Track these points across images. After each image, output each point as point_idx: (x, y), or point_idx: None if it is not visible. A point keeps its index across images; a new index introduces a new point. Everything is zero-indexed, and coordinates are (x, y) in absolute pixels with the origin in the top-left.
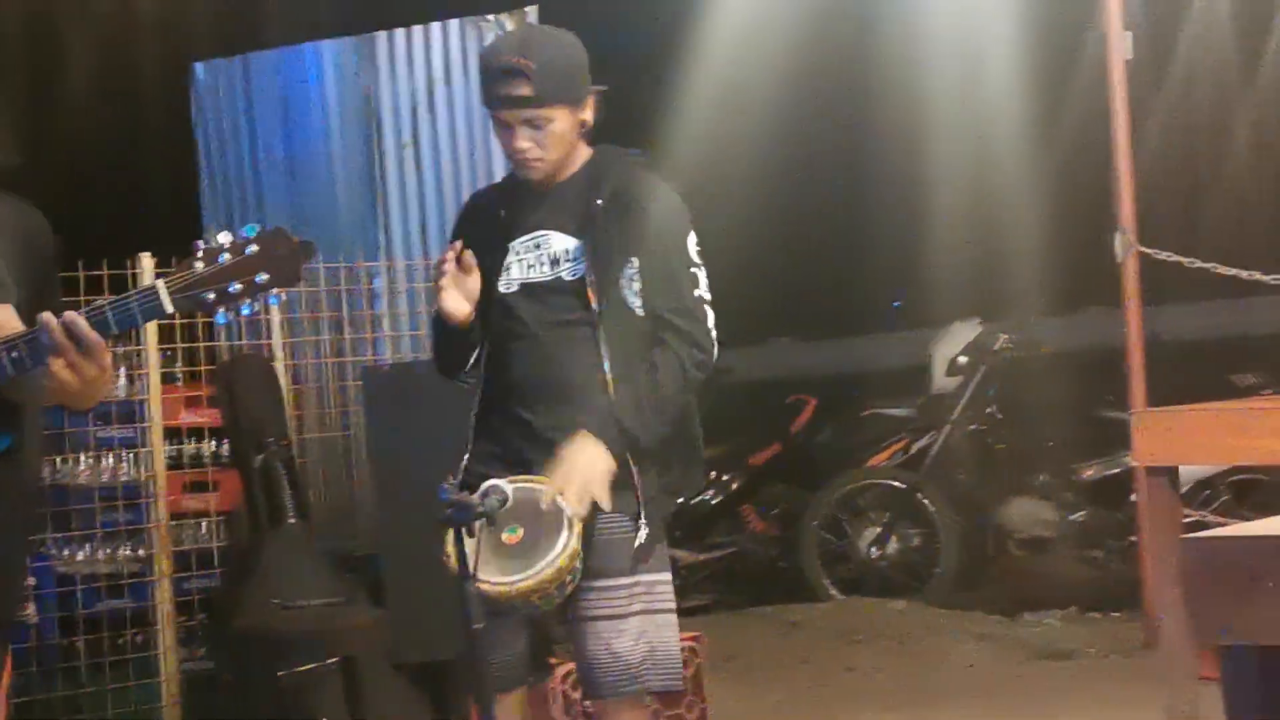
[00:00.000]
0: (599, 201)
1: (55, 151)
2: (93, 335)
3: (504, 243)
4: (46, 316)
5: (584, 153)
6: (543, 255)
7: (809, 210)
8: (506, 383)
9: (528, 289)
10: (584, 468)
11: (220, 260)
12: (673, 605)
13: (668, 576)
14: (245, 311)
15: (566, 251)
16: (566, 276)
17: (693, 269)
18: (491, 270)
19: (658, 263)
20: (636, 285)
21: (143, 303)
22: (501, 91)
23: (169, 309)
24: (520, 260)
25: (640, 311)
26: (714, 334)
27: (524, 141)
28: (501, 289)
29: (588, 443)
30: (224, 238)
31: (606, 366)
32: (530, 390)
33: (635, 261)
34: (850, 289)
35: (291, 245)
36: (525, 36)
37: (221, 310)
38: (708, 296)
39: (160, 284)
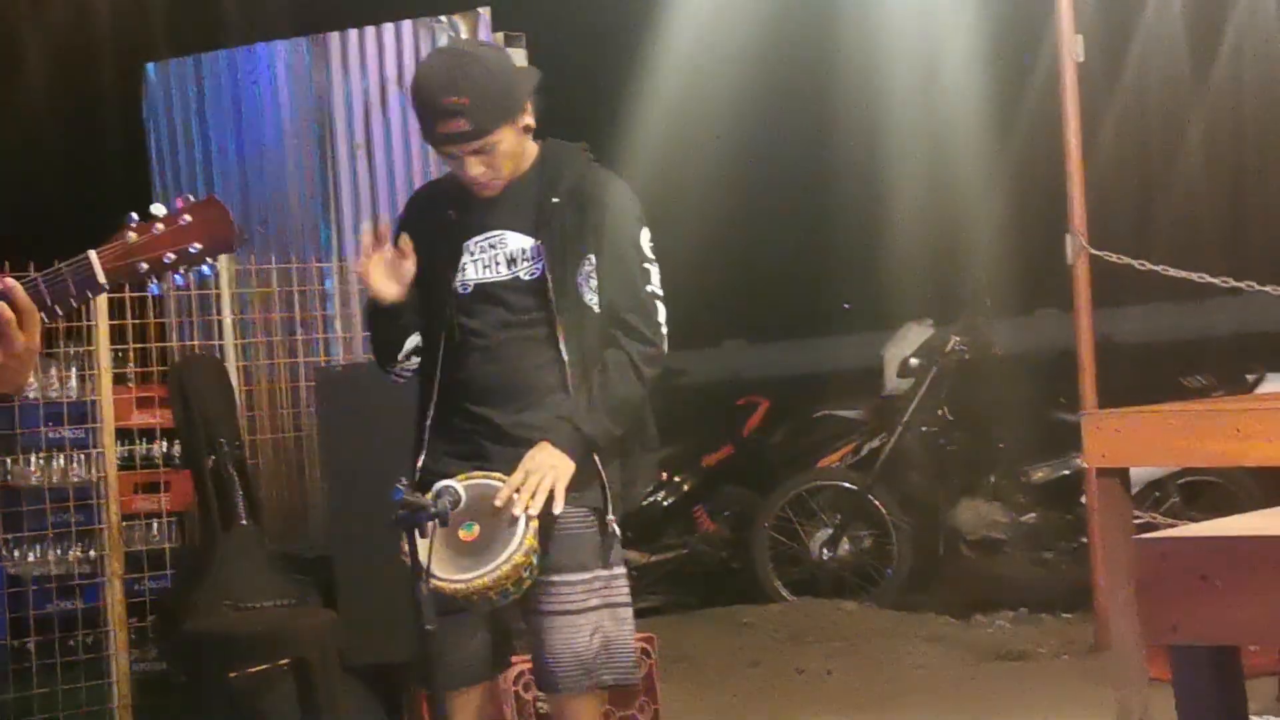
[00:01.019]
0: (555, 200)
1: (6, 152)
2: (27, 301)
3: (457, 243)
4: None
5: (532, 150)
6: (498, 255)
7: (763, 213)
8: (465, 382)
9: (484, 290)
10: (542, 468)
11: (154, 231)
12: (629, 599)
13: (624, 571)
14: (179, 281)
15: (523, 251)
16: (524, 276)
17: (646, 264)
18: (445, 271)
19: (614, 259)
20: (594, 282)
21: (75, 274)
22: (442, 130)
23: (102, 280)
24: (475, 261)
25: (596, 308)
26: (664, 329)
27: (476, 169)
28: (458, 290)
29: (547, 448)
30: (157, 209)
31: (567, 364)
32: (491, 389)
33: (592, 259)
34: (803, 291)
35: (225, 214)
36: (451, 70)
37: (155, 280)
38: (660, 292)
39: (93, 256)
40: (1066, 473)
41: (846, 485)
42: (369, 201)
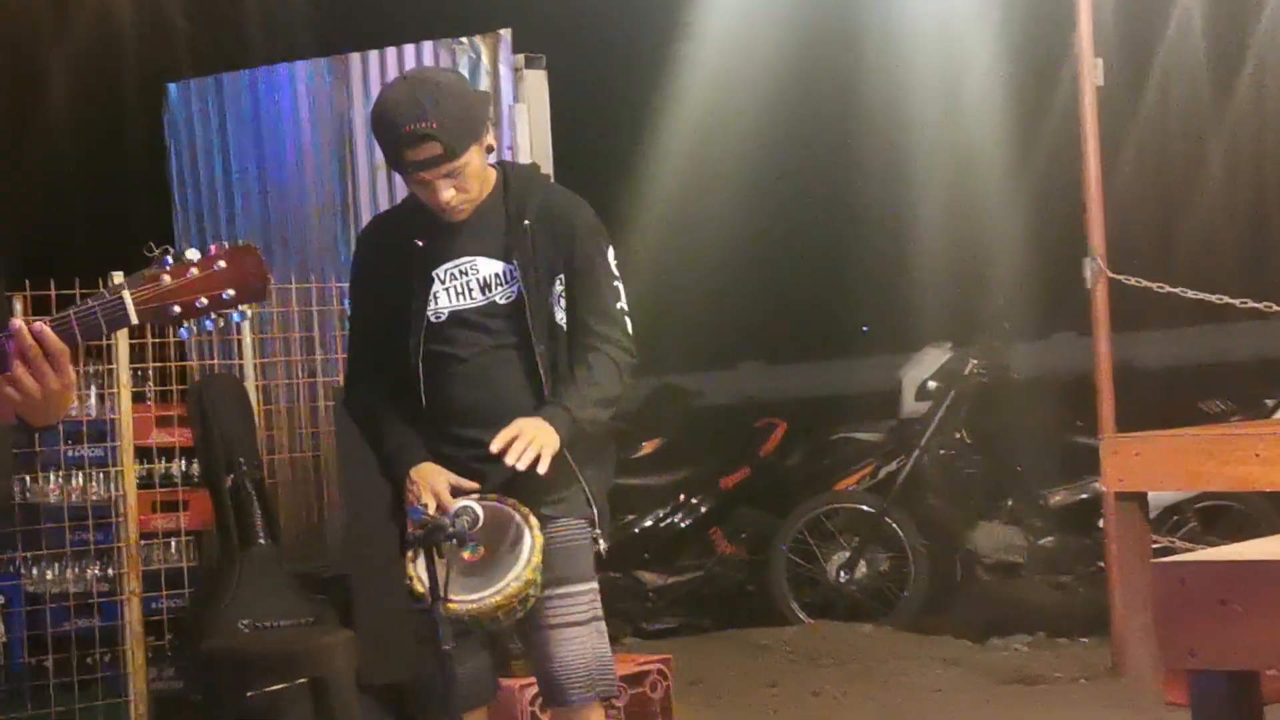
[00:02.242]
0: (526, 222)
1: (29, 170)
2: (58, 343)
3: (426, 271)
4: (17, 323)
5: (491, 173)
6: (471, 281)
7: (781, 235)
8: (448, 408)
9: (459, 316)
10: (532, 430)
11: (188, 275)
12: (601, 612)
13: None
14: (209, 326)
15: (496, 275)
16: (500, 300)
17: (615, 282)
18: (416, 301)
19: (585, 278)
20: (564, 302)
21: (107, 312)
22: (413, 157)
23: (134, 319)
24: (447, 288)
25: (565, 327)
26: (633, 345)
27: (447, 193)
28: (431, 319)
29: (538, 419)
30: (192, 254)
31: (544, 383)
32: (476, 412)
33: (562, 278)
34: (821, 313)
35: (259, 262)
36: (415, 96)
37: (186, 324)
38: (627, 308)
39: (126, 294)
40: (1084, 496)
41: (864, 508)
42: None
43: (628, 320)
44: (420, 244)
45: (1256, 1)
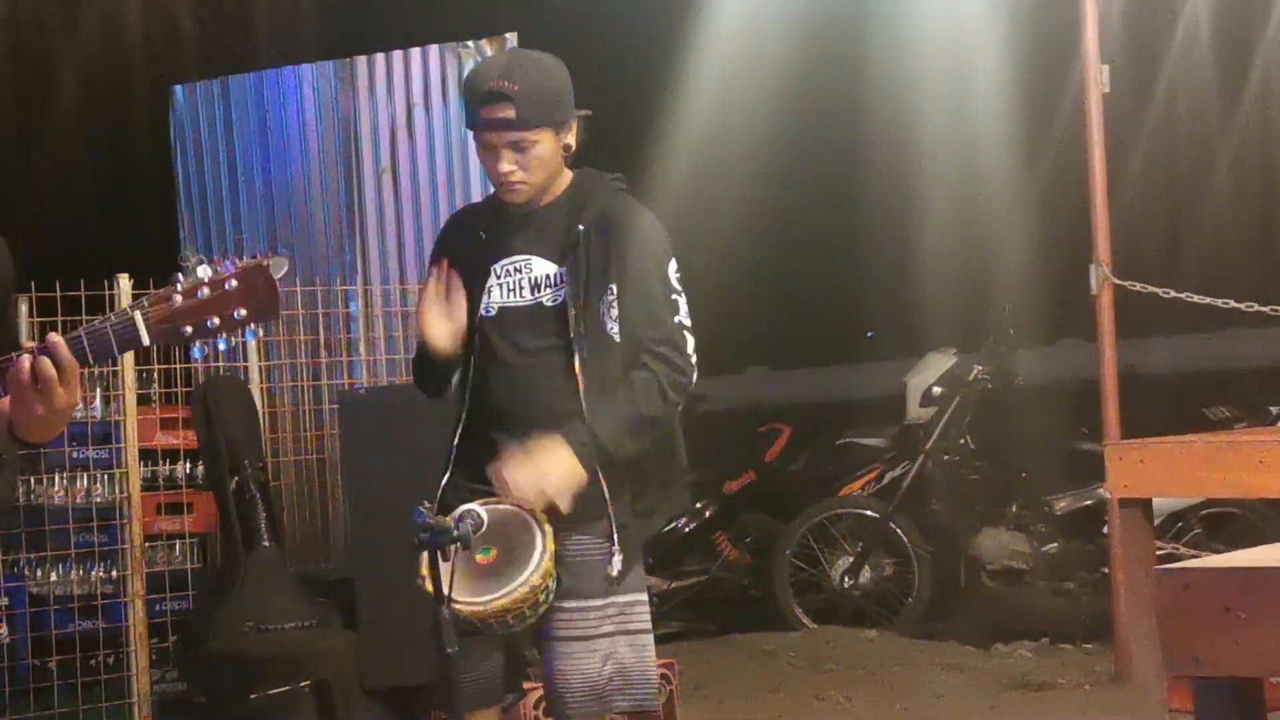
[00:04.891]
0: (581, 227)
1: (36, 172)
2: (72, 361)
3: (486, 265)
4: (54, 337)
5: (566, 177)
6: (523, 280)
7: (787, 240)
8: (485, 407)
9: (506, 313)
10: (548, 467)
11: (200, 294)
12: (649, 625)
13: (644, 597)
14: (221, 346)
15: (547, 277)
16: (547, 303)
17: (674, 296)
18: (474, 293)
19: (638, 290)
20: (615, 312)
21: (119, 333)
22: (485, 114)
23: (145, 340)
24: (500, 284)
25: (617, 338)
26: (694, 359)
27: (508, 164)
28: (483, 312)
29: (560, 447)
30: (203, 271)
31: (583, 391)
32: (507, 415)
33: (614, 288)
34: (826, 319)
35: (271, 281)
36: (510, 60)
37: (198, 344)
38: (688, 323)
39: (138, 315)
40: (1089, 503)
41: (868, 513)
42: (394, 225)
43: (686, 335)
44: (484, 236)
45: (1263, 8)
